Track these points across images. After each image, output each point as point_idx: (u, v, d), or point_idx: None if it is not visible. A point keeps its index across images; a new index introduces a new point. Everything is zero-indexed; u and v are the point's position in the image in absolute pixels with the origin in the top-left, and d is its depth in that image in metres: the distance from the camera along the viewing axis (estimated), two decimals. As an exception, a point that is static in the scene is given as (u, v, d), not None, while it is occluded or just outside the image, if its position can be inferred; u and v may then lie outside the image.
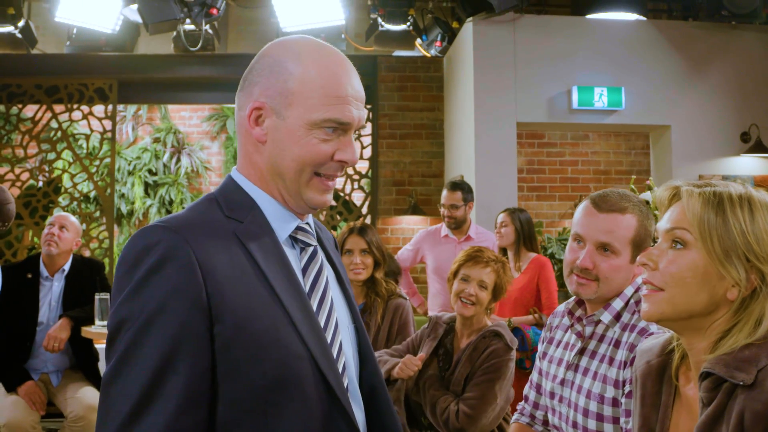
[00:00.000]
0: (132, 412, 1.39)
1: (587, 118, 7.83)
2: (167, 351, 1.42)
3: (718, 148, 8.01)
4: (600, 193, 2.47)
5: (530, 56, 7.74)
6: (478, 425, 3.33)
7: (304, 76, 1.59)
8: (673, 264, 1.63)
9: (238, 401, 1.48)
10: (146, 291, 1.44)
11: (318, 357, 1.54)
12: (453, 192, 5.98)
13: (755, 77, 8.07)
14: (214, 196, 1.66)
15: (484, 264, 3.53)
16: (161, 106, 11.08)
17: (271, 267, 1.56)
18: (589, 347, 2.46)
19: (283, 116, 1.59)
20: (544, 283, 5.57)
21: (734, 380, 1.51)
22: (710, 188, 1.65)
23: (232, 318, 1.47)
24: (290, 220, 1.66)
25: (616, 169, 10.17)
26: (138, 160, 11.08)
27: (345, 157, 1.59)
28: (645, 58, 7.88)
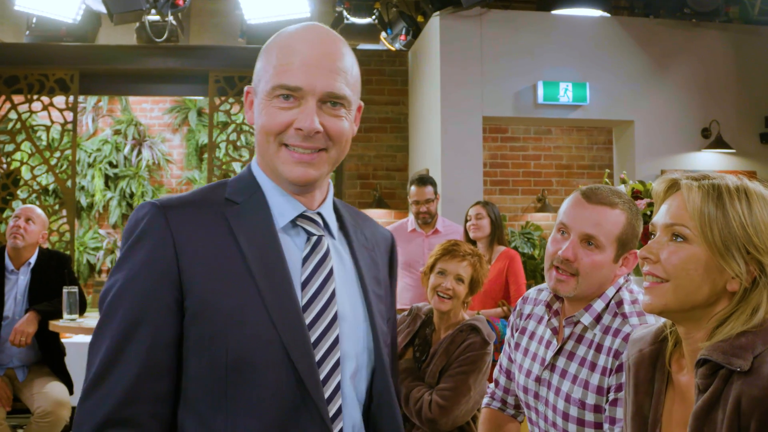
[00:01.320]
0: (98, 374, 1.48)
1: (552, 113, 7.91)
2: (132, 319, 1.49)
3: (680, 143, 8.13)
4: (591, 186, 2.42)
5: (496, 51, 7.79)
6: (450, 417, 3.33)
7: (268, 53, 1.65)
8: (674, 255, 1.64)
9: (201, 377, 1.51)
10: (126, 262, 1.54)
11: (289, 344, 1.52)
12: (424, 186, 5.98)
13: (716, 74, 8.20)
14: (227, 180, 1.72)
15: (461, 258, 3.51)
16: (122, 97, 10.94)
17: (254, 250, 1.56)
18: (567, 348, 2.40)
19: (257, 93, 1.65)
20: (513, 276, 5.61)
21: (731, 366, 1.53)
22: (708, 181, 1.66)
23: (200, 293, 1.51)
24: (293, 207, 1.65)
25: (578, 164, 10.27)
26: (98, 152, 10.93)
27: (299, 124, 1.57)
28: (609, 55, 7.97)
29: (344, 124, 1.64)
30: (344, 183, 9.07)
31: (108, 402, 1.46)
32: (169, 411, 1.52)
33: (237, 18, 9.19)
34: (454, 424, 3.36)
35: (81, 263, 10.62)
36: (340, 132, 1.63)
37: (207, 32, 9.81)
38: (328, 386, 1.58)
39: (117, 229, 10.96)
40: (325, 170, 1.65)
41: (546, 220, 9.85)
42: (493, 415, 2.82)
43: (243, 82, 8.79)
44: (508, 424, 2.81)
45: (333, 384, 1.59)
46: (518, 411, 2.80)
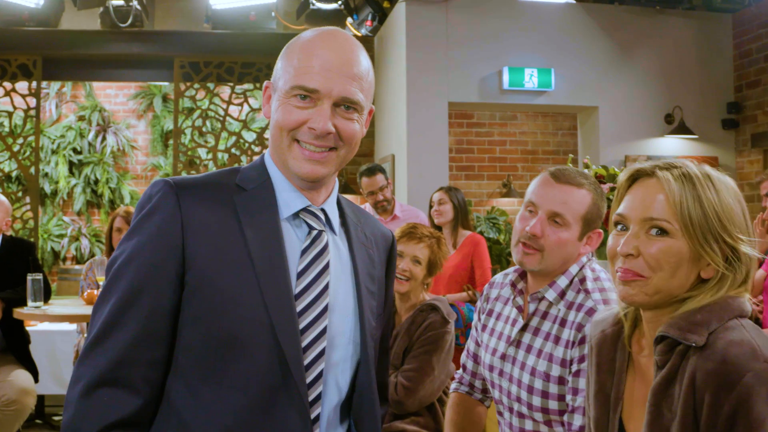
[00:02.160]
0: (98, 335, 1.58)
1: (518, 99, 7.95)
2: (135, 287, 1.59)
3: (644, 129, 8.22)
4: (559, 167, 2.50)
5: (462, 37, 7.81)
6: (416, 397, 3.37)
7: (290, 54, 1.72)
8: (658, 250, 1.63)
9: (194, 348, 1.60)
10: (136, 233, 1.63)
11: (278, 327, 1.59)
12: (374, 176, 5.99)
13: (679, 61, 8.29)
14: (240, 166, 1.81)
15: (418, 240, 3.57)
16: (86, 83, 10.83)
17: (256, 235, 1.65)
18: (532, 324, 2.46)
19: (276, 90, 1.73)
20: (478, 261, 5.65)
21: (687, 342, 1.56)
22: (678, 170, 1.67)
23: (201, 269, 1.60)
24: (298, 200, 1.74)
25: (543, 149, 10.34)
26: (62, 139, 10.82)
27: (313, 124, 1.65)
28: (574, 41, 8.03)
29: (356, 126, 1.72)
30: (311, 169, 9.06)
31: (104, 361, 1.56)
32: (161, 377, 1.62)
33: (202, 3, 9.14)
34: (421, 404, 3.40)
35: (45, 250, 10.54)
36: (352, 134, 1.71)
37: (172, 17, 9.74)
38: (311, 372, 1.65)
39: (81, 216, 10.88)
40: (333, 168, 1.73)
41: (511, 205, 9.91)
42: (461, 399, 2.86)
43: (208, 68, 8.75)
44: (476, 408, 2.85)
45: (316, 370, 1.67)
46: (485, 395, 2.84)
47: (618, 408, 1.78)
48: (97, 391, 1.54)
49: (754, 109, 8.25)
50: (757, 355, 1.49)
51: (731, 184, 1.68)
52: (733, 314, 1.60)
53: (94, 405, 1.54)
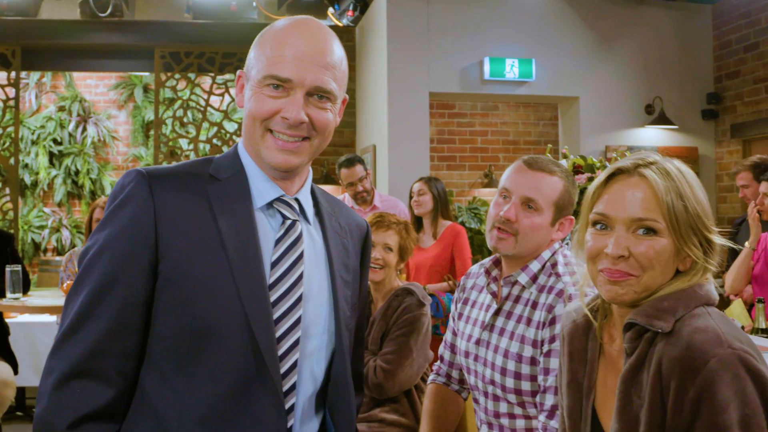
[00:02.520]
0: (70, 326, 1.57)
1: (499, 89, 7.97)
2: (108, 277, 1.58)
3: (624, 119, 8.26)
4: (532, 155, 2.57)
5: (443, 27, 7.82)
6: (396, 380, 3.40)
7: (263, 43, 1.71)
8: (650, 250, 1.64)
9: (167, 338, 1.60)
10: (108, 224, 1.62)
11: (252, 316, 1.59)
12: (353, 167, 5.97)
13: (660, 52, 8.33)
14: (214, 156, 1.80)
15: (386, 227, 3.62)
16: (66, 73, 10.76)
17: (230, 225, 1.64)
18: (505, 308, 2.52)
19: (249, 79, 1.72)
20: (458, 251, 5.66)
21: (653, 328, 1.59)
22: (655, 166, 1.68)
23: (174, 259, 1.59)
24: (272, 190, 1.73)
25: (524, 140, 10.36)
26: (42, 129, 10.75)
27: (286, 114, 1.64)
28: (555, 31, 8.05)
29: (329, 116, 1.71)
30: (292, 159, 9.05)
31: (76, 353, 1.55)
32: (134, 368, 1.61)
33: (182, -7, 9.10)
34: (401, 387, 3.43)
35: (25, 242, 10.48)
36: (325, 124, 1.71)
37: (152, 7, 9.69)
38: (286, 362, 1.65)
39: (62, 207, 10.83)
40: (307, 158, 1.73)
41: (493, 195, 9.85)
42: (438, 390, 2.89)
43: (189, 58, 8.72)
44: (453, 399, 2.89)
45: (291, 360, 1.66)
46: (462, 386, 2.87)
47: (591, 396, 1.80)
48: (70, 383, 1.54)
49: (733, 100, 8.30)
50: (722, 342, 1.52)
51: (695, 177, 1.71)
52: (699, 302, 1.63)
53: (67, 397, 1.54)
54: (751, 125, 8.04)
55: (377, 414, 3.43)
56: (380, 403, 3.47)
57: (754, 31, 8.02)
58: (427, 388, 2.93)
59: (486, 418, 2.55)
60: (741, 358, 1.50)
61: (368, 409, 3.47)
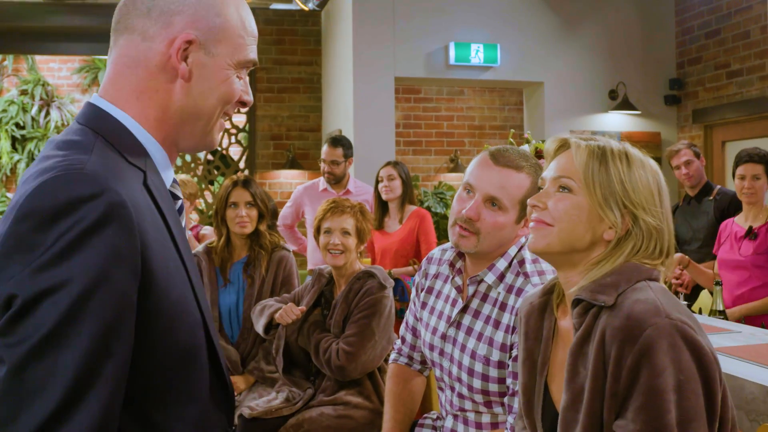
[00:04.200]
0: (63, 402, 1.17)
1: (464, 74, 8.00)
2: (110, 327, 1.22)
3: (588, 104, 8.32)
4: (499, 147, 2.49)
5: (409, 11, 7.82)
6: (358, 362, 3.43)
7: (233, 14, 1.50)
8: (560, 203, 1.80)
9: (149, 374, 1.34)
10: (81, 255, 1.20)
11: (208, 323, 1.49)
12: (334, 148, 6.00)
13: (624, 37, 8.40)
14: (95, 133, 1.40)
15: (341, 212, 3.65)
16: (28, 56, 10.63)
17: (175, 226, 1.44)
18: (472, 306, 2.49)
19: (212, 53, 1.47)
20: (423, 235, 5.68)
21: (597, 302, 1.69)
22: (594, 142, 1.83)
23: (157, 289, 1.31)
24: (169, 171, 1.53)
25: (490, 125, 10.40)
26: (4, 114, 10.62)
27: (247, 98, 1.54)
28: (520, 16, 8.08)
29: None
30: (257, 144, 9.04)
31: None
32: None
33: (146, -25, 8.99)
34: (363, 370, 3.46)
35: (-13, 226, 10.36)
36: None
37: (115, -11, 9.57)
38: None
39: (25, 191, 10.71)
40: None
41: (458, 180, 9.96)
42: (400, 370, 2.91)
43: (153, 41, 8.63)
44: (415, 378, 2.90)
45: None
46: (424, 366, 2.89)
47: (544, 372, 1.89)
48: None
49: (695, 86, 8.38)
50: (659, 311, 1.61)
51: (652, 166, 1.84)
52: (641, 277, 1.74)
53: None
54: (713, 111, 8.13)
55: (342, 397, 3.46)
56: (344, 385, 3.50)
57: (716, 17, 8.10)
58: (389, 369, 2.94)
59: (451, 410, 2.56)
60: (677, 327, 1.59)
61: (333, 392, 3.50)
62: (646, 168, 1.81)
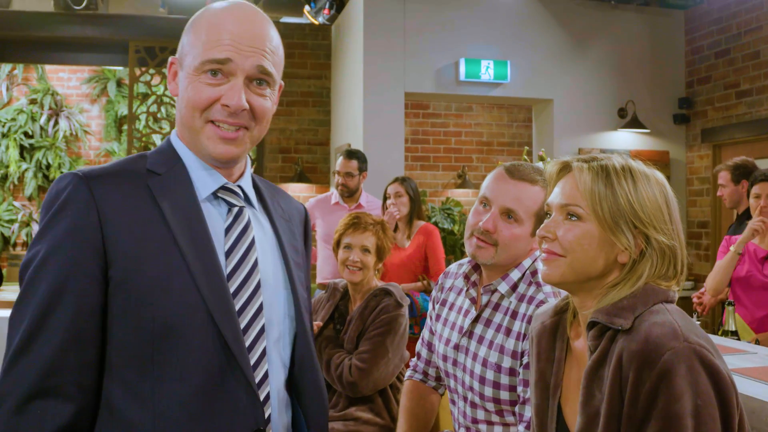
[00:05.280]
0: (21, 344, 1.48)
1: (474, 90, 7.99)
2: (56, 288, 1.49)
3: (597, 122, 8.32)
4: (514, 162, 2.53)
5: (419, 27, 7.83)
6: (370, 379, 3.42)
7: (197, 28, 1.66)
8: (570, 232, 1.77)
9: (127, 344, 1.53)
10: (48, 232, 1.53)
11: (213, 309, 1.55)
12: (349, 160, 6.02)
13: (633, 56, 8.41)
14: (147, 152, 1.72)
15: (363, 229, 3.65)
16: (38, 66, 10.66)
17: (178, 219, 1.59)
18: (484, 315, 2.50)
19: (183, 66, 1.66)
20: (432, 251, 5.68)
21: (614, 326, 1.68)
22: (596, 162, 1.81)
23: (124, 261, 1.53)
24: (214, 179, 1.69)
25: (498, 141, 10.41)
26: (13, 122, 10.65)
27: (227, 101, 1.60)
28: (530, 33, 8.09)
29: (267, 103, 1.69)
30: (266, 156, 9.04)
31: (32, 372, 1.47)
32: (94, 380, 1.53)
33: (158, -13, 9.05)
34: (375, 387, 3.45)
35: (-6, 235, 10.39)
36: (264, 110, 1.68)
37: (127, 1, 9.62)
38: (255, 352, 1.63)
39: (33, 201, 10.73)
40: (247, 147, 1.70)
41: (466, 196, 9.97)
42: (415, 386, 2.91)
43: (164, 53, 8.67)
44: (430, 395, 2.90)
45: (259, 350, 1.64)
46: (439, 383, 2.89)
47: (557, 394, 1.88)
48: (28, 406, 1.46)
49: (704, 105, 8.38)
50: (678, 335, 1.60)
51: (657, 179, 1.81)
52: (658, 299, 1.73)
53: (26, 421, 1.46)
54: (722, 130, 8.13)
55: (353, 413, 3.45)
56: (355, 401, 3.49)
57: (725, 37, 8.11)
58: (404, 385, 2.94)
59: (464, 422, 2.56)
60: (696, 351, 1.58)
61: (344, 407, 3.49)
62: (651, 182, 1.78)
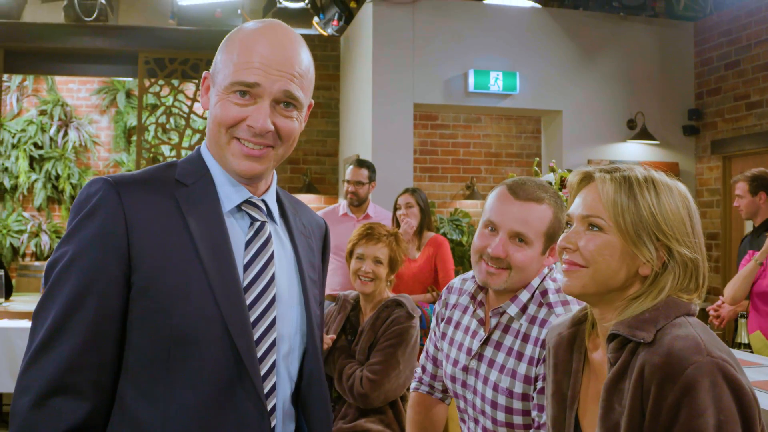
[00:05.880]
0: (43, 341, 1.53)
1: (483, 101, 7.99)
2: (80, 289, 1.54)
3: (606, 134, 8.31)
4: (517, 180, 2.43)
5: (429, 39, 7.84)
6: (381, 390, 3.41)
7: (230, 47, 1.70)
8: (591, 242, 1.76)
9: (144, 348, 1.58)
10: (76, 235, 1.58)
11: (230, 321, 1.58)
12: (359, 169, 6.04)
13: (642, 67, 8.40)
14: (176, 161, 1.76)
15: (376, 240, 3.64)
16: (48, 77, 10.70)
17: (201, 230, 1.63)
18: (494, 337, 2.43)
19: (215, 83, 1.70)
20: (441, 262, 5.67)
21: (635, 338, 1.66)
22: (619, 173, 1.79)
23: (148, 268, 1.57)
24: (239, 193, 1.73)
25: (507, 152, 10.41)
26: (23, 133, 10.68)
27: (252, 122, 1.64)
28: (539, 45, 8.09)
29: (294, 124, 1.71)
30: (275, 168, 9.04)
31: (52, 369, 1.51)
32: (111, 380, 1.58)
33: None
34: (386, 398, 3.44)
35: (4, 246, 10.39)
36: (290, 132, 1.70)
37: (137, 12, 9.65)
38: (264, 364, 1.65)
39: (42, 212, 10.76)
40: (271, 165, 1.72)
41: (474, 207, 9.96)
42: (422, 399, 2.87)
43: (173, 64, 8.70)
44: (437, 407, 2.87)
45: (269, 362, 1.67)
46: (445, 395, 2.85)
47: (574, 406, 1.86)
48: (47, 402, 1.50)
49: (714, 116, 8.37)
50: (701, 349, 1.58)
51: (680, 190, 1.79)
52: (680, 312, 1.71)
53: (44, 416, 1.50)
54: (731, 142, 8.11)
55: (362, 424, 3.43)
56: (365, 413, 3.47)
57: (735, 48, 8.11)
58: (410, 398, 2.91)
59: None
60: (719, 365, 1.56)
61: (353, 419, 3.47)
62: (674, 193, 1.76)
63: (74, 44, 8.72)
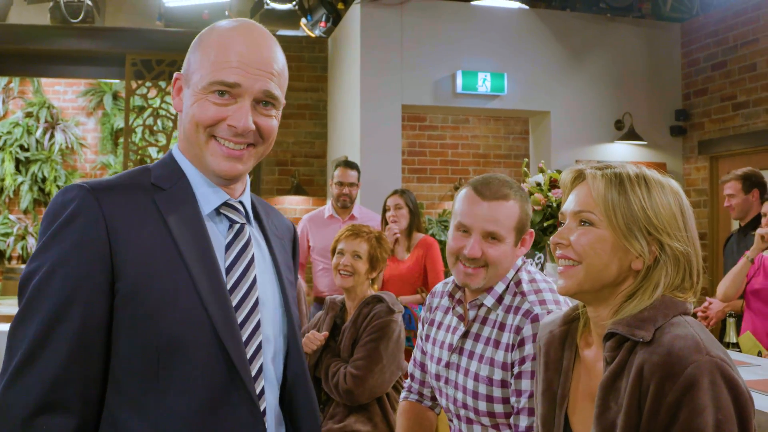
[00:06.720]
0: (26, 357, 1.47)
1: (471, 103, 8.00)
2: (63, 299, 1.49)
3: (594, 134, 8.33)
4: (480, 179, 2.49)
5: (416, 40, 7.84)
6: (366, 386, 3.43)
7: (205, 46, 1.68)
8: (583, 237, 1.78)
9: (132, 358, 1.54)
10: (55, 244, 1.53)
11: (219, 325, 1.56)
12: (351, 170, 6.06)
13: (629, 68, 8.43)
14: (149, 165, 1.74)
15: (356, 236, 3.72)
16: (34, 79, 10.66)
17: (184, 234, 1.60)
18: (473, 330, 2.49)
19: (189, 83, 1.68)
20: (431, 263, 5.68)
21: (634, 338, 1.66)
22: (611, 170, 1.81)
23: (133, 275, 1.53)
24: (217, 195, 1.71)
25: (495, 153, 10.42)
26: (9, 135, 10.66)
27: (233, 122, 1.63)
28: (527, 46, 8.11)
29: (274, 122, 1.71)
30: (262, 169, 9.03)
31: (39, 385, 1.47)
32: (98, 393, 1.54)
33: (155, 0, 9.06)
34: (372, 394, 3.46)
35: (-10, 249, 10.36)
36: (270, 130, 1.70)
37: (123, 14, 9.63)
38: (253, 367, 1.65)
39: (28, 214, 10.72)
40: (251, 164, 1.72)
41: (463, 208, 9.95)
42: (411, 407, 2.89)
43: (160, 66, 8.67)
44: (426, 414, 2.89)
45: (257, 365, 1.66)
46: (435, 402, 2.87)
47: (564, 404, 1.87)
48: (35, 422, 1.45)
49: (701, 117, 8.41)
50: (700, 348, 1.59)
51: (672, 187, 1.81)
52: (677, 311, 1.72)
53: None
54: (718, 142, 8.15)
55: (351, 424, 3.45)
56: (354, 412, 3.49)
57: (722, 49, 8.14)
58: (400, 406, 2.93)
59: None
60: (718, 365, 1.57)
61: (342, 418, 3.49)
62: (666, 190, 1.78)
63: (60, 46, 8.67)
